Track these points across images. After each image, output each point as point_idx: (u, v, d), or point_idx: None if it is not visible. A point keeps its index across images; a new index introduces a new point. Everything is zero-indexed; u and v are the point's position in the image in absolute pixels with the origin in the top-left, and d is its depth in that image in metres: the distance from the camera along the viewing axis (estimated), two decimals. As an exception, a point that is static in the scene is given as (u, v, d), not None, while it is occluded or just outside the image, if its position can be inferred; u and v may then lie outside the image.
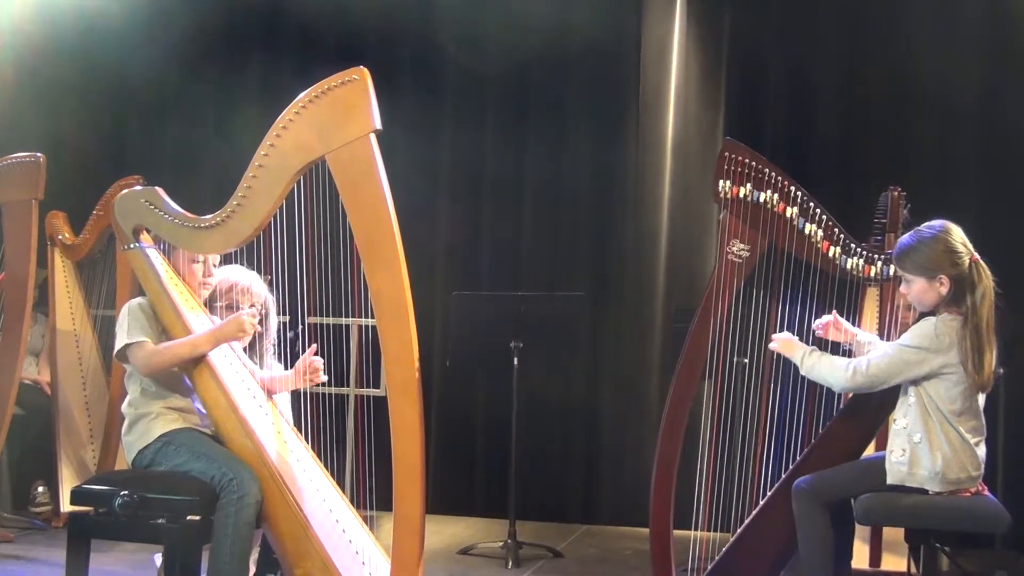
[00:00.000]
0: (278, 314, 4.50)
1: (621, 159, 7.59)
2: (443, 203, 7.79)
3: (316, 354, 4.31)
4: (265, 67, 7.77)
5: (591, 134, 7.62)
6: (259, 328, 4.26)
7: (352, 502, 4.24)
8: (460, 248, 7.77)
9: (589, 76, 7.64)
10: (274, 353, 4.52)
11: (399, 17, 7.80)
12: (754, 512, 4.34)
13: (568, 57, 7.63)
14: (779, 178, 4.31)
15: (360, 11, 7.66)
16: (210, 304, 4.39)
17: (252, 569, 4.18)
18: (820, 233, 4.26)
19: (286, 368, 4.47)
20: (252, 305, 4.38)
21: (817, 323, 4.32)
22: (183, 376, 4.14)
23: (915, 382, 4.02)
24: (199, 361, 4.07)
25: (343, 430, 5.90)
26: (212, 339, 4.10)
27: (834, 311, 4.33)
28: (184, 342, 4.08)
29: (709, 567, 4.37)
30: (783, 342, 4.26)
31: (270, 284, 4.39)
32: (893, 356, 4.03)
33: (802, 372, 4.21)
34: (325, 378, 4.33)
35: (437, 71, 7.79)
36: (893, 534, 5.68)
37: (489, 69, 7.68)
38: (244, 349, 4.40)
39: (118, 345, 4.14)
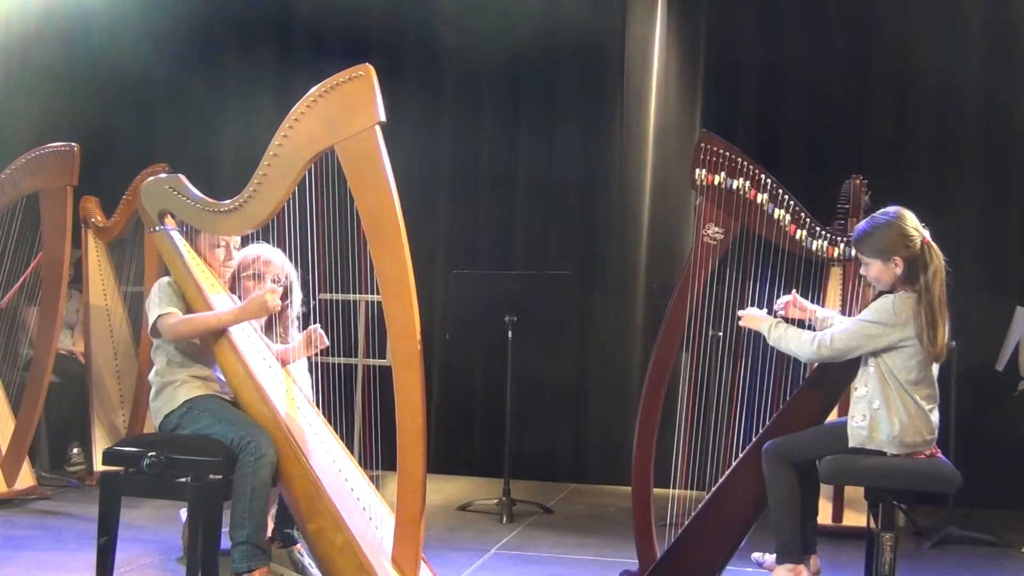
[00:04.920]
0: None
1: (607, 149, 7.58)
2: (443, 189, 7.78)
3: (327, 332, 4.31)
4: (277, 63, 7.75)
5: (579, 126, 7.61)
6: (282, 303, 4.24)
7: (360, 463, 4.24)
8: (459, 230, 7.76)
9: (577, 73, 7.62)
10: (298, 326, 4.50)
11: (402, 17, 7.77)
12: (727, 472, 4.33)
13: (558, 56, 7.61)
14: (751, 167, 4.29)
15: (365, 11, 7.64)
16: (236, 275, 4.38)
17: (270, 524, 4.18)
18: (788, 217, 4.24)
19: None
20: (276, 278, 4.36)
21: (778, 303, 4.31)
22: (205, 347, 4.13)
23: (875, 354, 4.01)
24: (219, 334, 4.07)
25: (352, 397, 5.89)
26: (235, 316, 4.10)
27: (793, 290, 4.31)
28: (210, 315, 4.07)
29: (686, 522, 4.37)
30: (749, 316, 4.25)
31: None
32: (855, 330, 4.03)
33: (770, 343, 4.20)
34: (327, 344, 4.32)
35: (437, 68, 7.76)
36: (854, 493, 5.70)
37: (485, 67, 7.67)
38: (269, 321, 4.38)
39: (151, 319, 4.12)
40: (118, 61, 7.78)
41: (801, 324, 4.34)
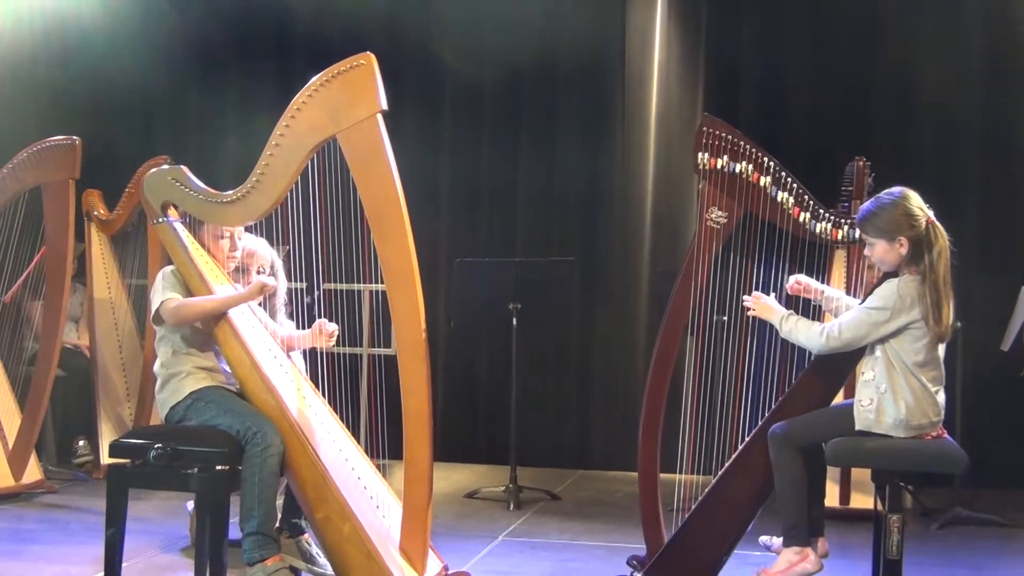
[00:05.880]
0: (294, 280, 4.48)
1: (609, 136, 7.58)
2: (446, 178, 7.77)
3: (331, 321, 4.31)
4: (276, 79, 7.69)
5: (582, 114, 7.61)
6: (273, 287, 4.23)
7: (366, 452, 4.24)
8: (462, 219, 7.76)
9: (579, 62, 7.61)
10: (286, 313, 4.50)
11: (405, 9, 7.77)
12: (733, 456, 4.32)
13: (560, 46, 7.61)
14: (753, 150, 4.27)
15: (364, 25, 7.60)
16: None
17: (278, 514, 4.19)
18: (791, 200, 4.22)
19: (299, 328, 4.46)
20: (260, 269, 4.37)
21: (788, 287, 4.30)
22: (210, 338, 4.13)
23: (882, 339, 4.00)
24: (224, 325, 4.05)
25: (357, 386, 5.89)
26: (234, 299, 4.09)
27: (799, 275, 4.30)
28: (209, 298, 4.06)
29: (693, 507, 4.36)
30: (762, 307, 4.21)
31: (288, 254, 4.38)
32: (862, 319, 4.01)
33: (781, 336, 4.19)
34: (333, 343, 4.32)
35: (441, 59, 7.73)
36: (861, 475, 5.70)
37: (488, 58, 7.63)
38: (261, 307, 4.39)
39: (153, 307, 4.12)
40: (117, 68, 7.74)
41: (807, 304, 4.33)
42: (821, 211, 4.23)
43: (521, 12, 7.53)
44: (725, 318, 4.43)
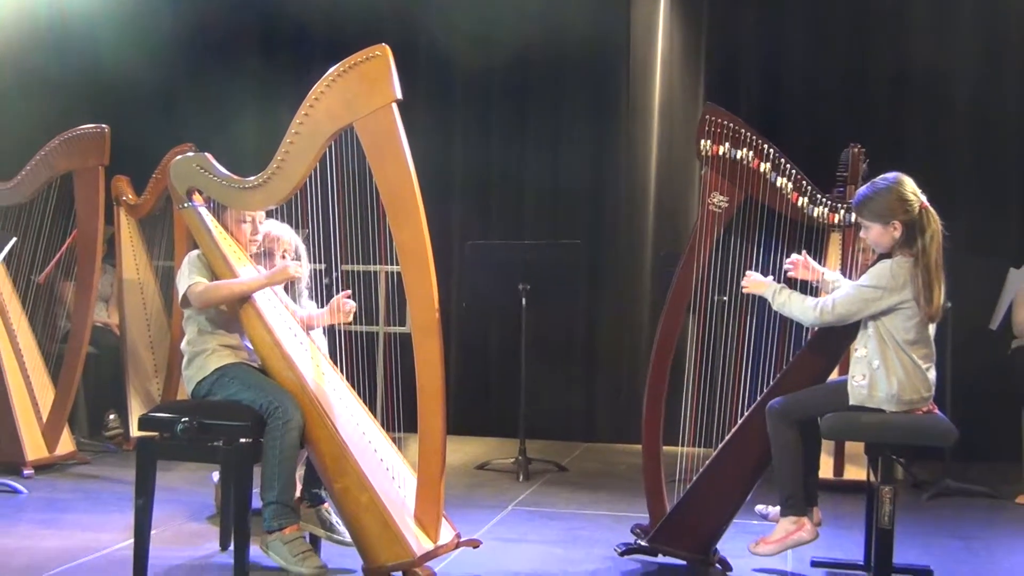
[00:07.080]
0: (314, 262, 4.48)
1: (614, 124, 7.57)
2: (457, 165, 7.76)
3: (349, 298, 4.30)
4: (293, 69, 7.66)
5: (587, 103, 7.59)
6: (299, 273, 4.25)
7: (382, 426, 4.25)
8: (473, 203, 7.75)
9: (584, 53, 7.59)
10: (309, 295, 4.51)
11: (417, 3, 7.75)
12: (733, 430, 4.33)
13: (566, 37, 7.57)
14: (754, 137, 4.26)
15: (377, 20, 7.58)
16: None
17: (298, 485, 4.20)
18: (790, 185, 4.21)
19: (320, 307, 4.47)
20: (285, 252, 4.37)
21: (788, 262, 4.29)
22: (234, 318, 4.13)
23: (874, 316, 3.99)
24: (247, 305, 4.06)
25: (374, 363, 5.90)
26: (260, 282, 4.10)
27: (803, 251, 4.29)
28: (235, 281, 4.07)
29: (694, 478, 4.37)
30: (754, 283, 4.22)
31: (307, 237, 4.37)
32: (854, 295, 4.01)
33: (774, 308, 4.18)
34: (350, 319, 4.32)
35: (452, 51, 7.70)
36: (854, 448, 5.70)
37: (497, 50, 7.60)
38: (284, 289, 4.39)
39: (181, 291, 4.13)
40: (143, 60, 7.71)
41: (806, 285, 4.32)
42: (818, 196, 4.22)
43: (529, 5, 7.51)
44: (725, 298, 4.43)
